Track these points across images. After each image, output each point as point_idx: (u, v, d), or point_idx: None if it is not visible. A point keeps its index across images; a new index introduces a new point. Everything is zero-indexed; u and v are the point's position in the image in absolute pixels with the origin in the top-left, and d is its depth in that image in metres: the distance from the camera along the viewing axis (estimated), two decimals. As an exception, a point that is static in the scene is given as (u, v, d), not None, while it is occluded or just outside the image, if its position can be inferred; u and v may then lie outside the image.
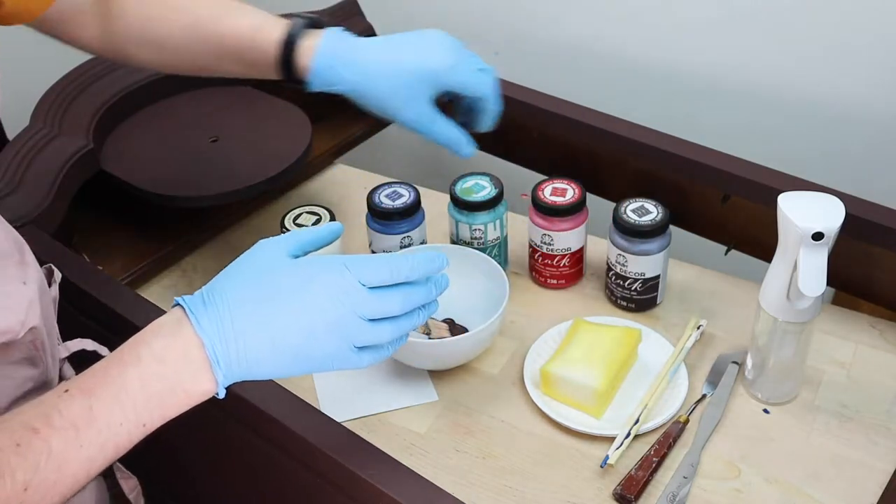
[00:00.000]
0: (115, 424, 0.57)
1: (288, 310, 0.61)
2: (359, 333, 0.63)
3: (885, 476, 0.81)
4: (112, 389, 0.57)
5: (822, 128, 1.20)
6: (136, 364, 0.58)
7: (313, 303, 0.61)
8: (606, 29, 1.31)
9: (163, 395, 0.58)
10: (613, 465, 0.82)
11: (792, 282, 0.79)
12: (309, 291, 0.61)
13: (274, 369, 0.61)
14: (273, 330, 0.60)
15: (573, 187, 0.99)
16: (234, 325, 0.60)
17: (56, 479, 0.55)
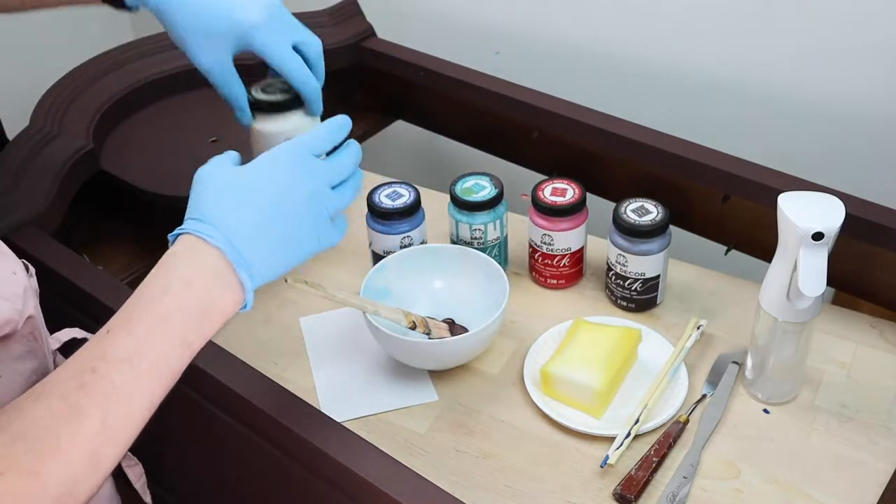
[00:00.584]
0: (164, 350, 0.59)
1: (268, 197, 0.64)
2: (330, 201, 0.68)
3: (885, 476, 0.81)
4: (151, 320, 0.59)
5: (822, 128, 1.20)
6: (167, 293, 0.60)
7: (287, 186, 0.65)
8: (606, 29, 1.31)
9: (199, 314, 0.61)
10: (613, 465, 0.82)
11: (792, 282, 0.79)
12: (279, 178, 0.65)
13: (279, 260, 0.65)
14: (263, 220, 0.64)
15: (573, 187, 0.99)
16: (237, 227, 0.63)
17: (126, 413, 0.57)
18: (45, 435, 0.53)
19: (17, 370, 0.68)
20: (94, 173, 1.09)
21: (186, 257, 0.62)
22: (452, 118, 1.27)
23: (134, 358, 0.58)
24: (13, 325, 0.66)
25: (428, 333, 0.91)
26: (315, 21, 1.29)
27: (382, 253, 1.01)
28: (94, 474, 0.55)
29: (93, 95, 1.16)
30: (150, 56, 1.23)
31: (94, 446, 0.55)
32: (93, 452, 0.55)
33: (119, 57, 1.23)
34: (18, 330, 0.67)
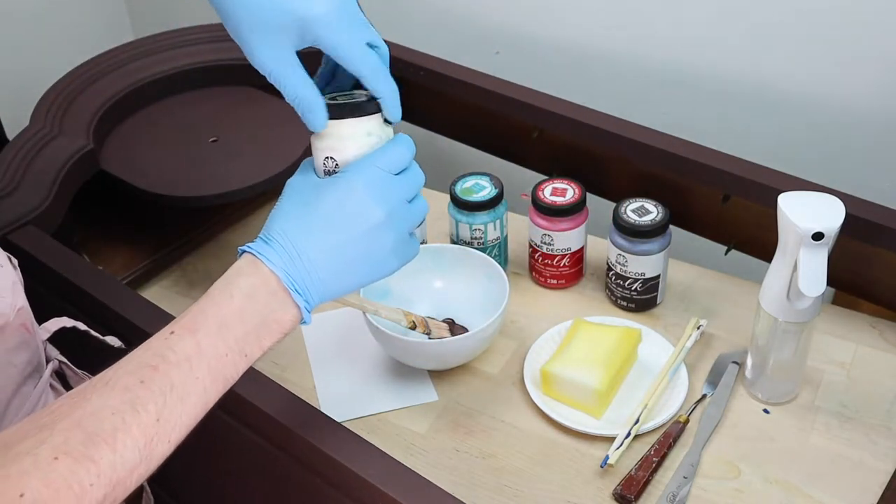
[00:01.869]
0: (222, 356, 0.61)
1: (342, 223, 0.65)
2: (407, 218, 0.68)
3: (885, 476, 0.81)
4: (213, 326, 0.61)
5: (822, 128, 1.20)
6: (230, 302, 0.62)
7: (363, 207, 0.65)
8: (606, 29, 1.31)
9: (258, 327, 0.63)
10: (613, 465, 0.82)
11: (792, 282, 0.79)
12: (354, 199, 0.65)
13: (349, 281, 0.66)
14: (335, 245, 0.65)
15: (573, 187, 0.99)
16: (299, 253, 0.64)
17: (181, 411, 0.59)
18: (102, 425, 0.55)
19: (11, 361, 0.69)
20: (94, 173, 1.09)
21: (249, 272, 0.64)
22: (452, 118, 1.27)
23: (193, 358, 0.60)
24: (5, 318, 0.67)
25: (428, 333, 0.91)
26: (315, 21, 1.29)
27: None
28: (144, 466, 0.57)
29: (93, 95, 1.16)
30: (150, 56, 1.23)
31: (148, 440, 0.57)
32: (145, 445, 0.57)
33: (119, 57, 1.22)
34: (10, 322, 0.68)
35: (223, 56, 1.24)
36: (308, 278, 0.64)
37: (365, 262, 0.66)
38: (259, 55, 0.71)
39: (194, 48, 1.25)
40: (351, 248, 0.65)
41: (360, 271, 0.67)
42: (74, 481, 0.53)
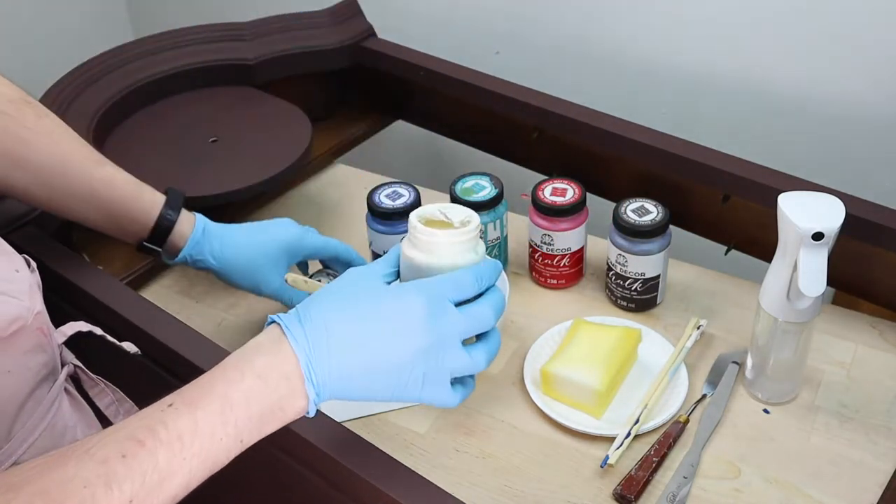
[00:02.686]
0: (217, 439, 0.58)
1: (384, 332, 0.60)
2: (455, 359, 0.62)
3: (885, 476, 0.81)
4: (217, 405, 0.58)
5: (822, 128, 1.20)
6: (240, 381, 0.59)
7: (409, 326, 0.61)
8: (607, 29, 1.31)
9: (263, 412, 0.59)
10: (614, 465, 0.82)
11: (792, 282, 0.79)
12: (405, 315, 0.61)
13: (366, 391, 0.61)
14: (368, 350, 0.60)
15: (573, 187, 0.99)
16: (328, 342, 0.60)
17: (159, 493, 0.55)
18: (70, 497, 0.52)
19: (27, 365, 0.68)
20: (94, 173, 1.09)
21: (269, 349, 0.60)
22: (452, 118, 1.27)
23: (186, 439, 0.57)
24: (22, 321, 0.66)
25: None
26: (315, 21, 1.29)
27: (382, 253, 1.01)
28: None
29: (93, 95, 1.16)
30: (150, 56, 1.23)
31: None
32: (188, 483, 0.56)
33: (119, 57, 1.22)
34: (28, 325, 0.67)
35: (223, 56, 1.24)
36: (327, 373, 0.60)
37: (386, 380, 0.61)
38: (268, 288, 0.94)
39: (194, 48, 1.25)
40: (382, 361, 0.61)
41: (380, 388, 0.62)
42: None
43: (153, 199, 0.90)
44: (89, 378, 0.77)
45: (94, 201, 0.88)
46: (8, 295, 0.66)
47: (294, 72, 1.25)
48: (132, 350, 0.81)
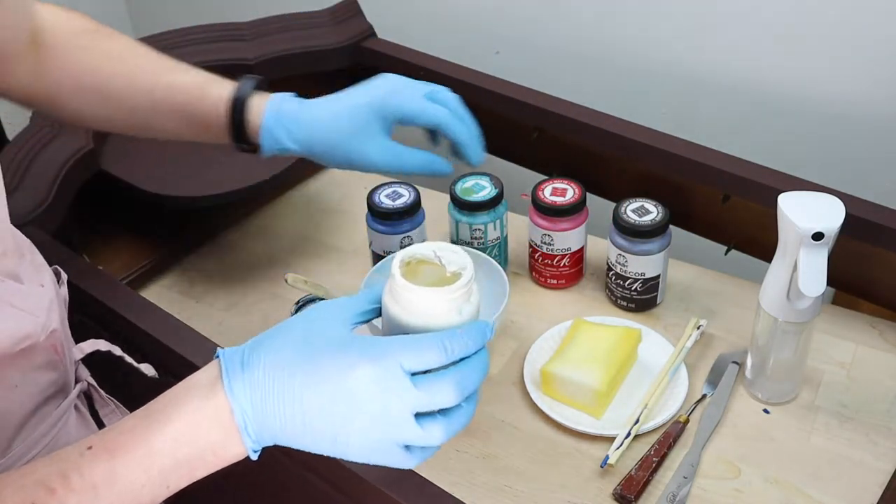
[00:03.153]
0: (138, 486, 0.54)
1: (324, 394, 0.54)
2: (403, 432, 0.55)
3: (885, 476, 0.81)
4: (139, 452, 0.53)
5: (822, 128, 1.20)
6: (165, 425, 0.54)
7: (352, 392, 0.54)
8: (606, 29, 1.31)
9: (191, 459, 0.55)
10: (614, 465, 0.82)
11: (792, 282, 0.79)
12: (349, 378, 0.54)
13: (310, 446, 0.56)
14: (307, 410, 0.54)
15: (573, 187, 0.99)
16: (266, 395, 0.54)
17: None
18: None
19: (35, 381, 0.67)
20: (94, 173, 1.09)
21: (203, 393, 0.55)
22: (452, 118, 1.27)
23: (101, 488, 0.52)
24: (34, 338, 0.64)
25: (428, 333, 0.91)
26: (315, 21, 1.29)
27: (382, 253, 1.01)
28: None
29: (93, 95, 1.16)
30: (150, 56, 1.23)
31: None
32: None
33: (119, 57, 1.22)
34: (40, 343, 0.65)
35: (223, 56, 1.24)
36: (263, 426, 0.54)
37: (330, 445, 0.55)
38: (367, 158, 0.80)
39: (194, 48, 1.24)
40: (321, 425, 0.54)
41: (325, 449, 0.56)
42: None
43: (220, 93, 0.83)
44: (101, 398, 0.76)
45: (162, 109, 0.84)
46: (23, 311, 0.64)
47: (294, 72, 1.25)
48: (150, 373, 0.80)
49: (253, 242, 1.15)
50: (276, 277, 1.08)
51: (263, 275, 1.09)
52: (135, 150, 1.13)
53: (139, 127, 0.86)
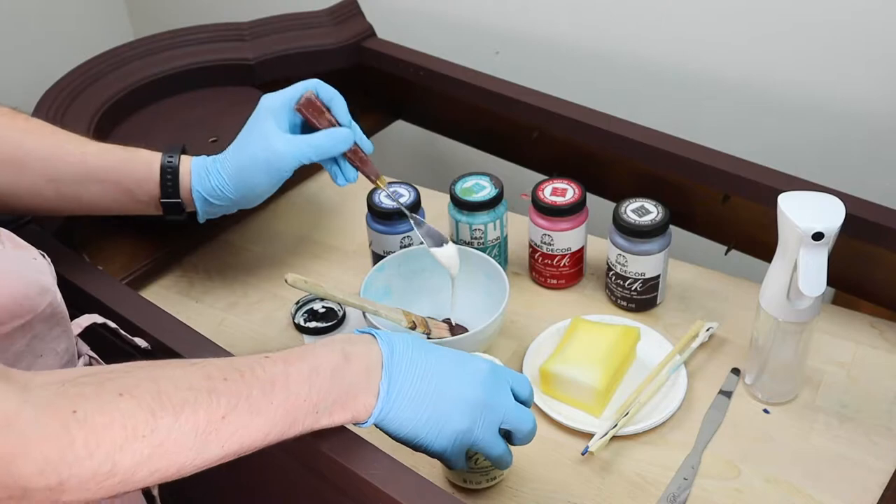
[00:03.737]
0: (301, 399, 0.64)
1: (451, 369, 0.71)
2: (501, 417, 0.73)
3: (885, 476, 0.81)
4: (306, 367, 0.65)
5: (822, 127, 1.20)
6: (330, 356, 0.67)
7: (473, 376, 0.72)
8: (607, 29, 1.31)
9: (339, 391, 0.66)
10: (595, 453, 0.82)
11: (792, 282, 0.79)
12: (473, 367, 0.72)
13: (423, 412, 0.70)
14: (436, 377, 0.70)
15: (573, 187, 0.99)
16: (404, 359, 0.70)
17: (246, 423, 0.60)
18: (176, 392, 0.57)
19: (55, 349, 0.72)
20: (94, 173, 1.09)
21: (360, 342, 0.70)
22: (452, 118, 1.27)
23: (277, 384, 0.63)
24: (52, 294, 0.70)
25: (428, 333, 0.91)
26: (315, 21, 1.29)
27: (382, 253, 1.01)
28: (191, 456, 0.58)
29: (93, 95, 1.16)
30: (150, 56, 1.23)
31: (207, 432, 0.58)
32: (203, 434, 0.58)
33: (119, 57, 1.22)
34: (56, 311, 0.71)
35: (223, 56, 1.24)
36: (401, 380, 0.69)
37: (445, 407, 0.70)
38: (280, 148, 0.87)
39: (194, 48, 1.25)
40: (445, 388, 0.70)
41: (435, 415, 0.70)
42: (129, 423, 0.54)
43: (150, 156, 0.89)
44: None
45: (95, 174, 0.86)
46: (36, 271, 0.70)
47: (294, 72, 1.25)
48: (143, 345, 0.83)
49: (253, 242, 1.15)
50: (276, 277, 1.08)
51: (263, 275, 1.09)
52: (135, 150, 1.13)
53: (66, 198, 0.87)
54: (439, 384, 0.70)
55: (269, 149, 0.86)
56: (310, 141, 0.88)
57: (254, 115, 0.89)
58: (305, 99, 0.89)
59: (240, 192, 0.89)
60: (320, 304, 1.02)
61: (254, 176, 0.88)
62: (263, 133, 0.87)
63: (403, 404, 0.69)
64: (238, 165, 0.88)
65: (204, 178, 0.89)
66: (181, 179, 0.88)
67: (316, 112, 0.89)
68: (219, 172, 0.88)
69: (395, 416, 0.69)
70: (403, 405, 0.69)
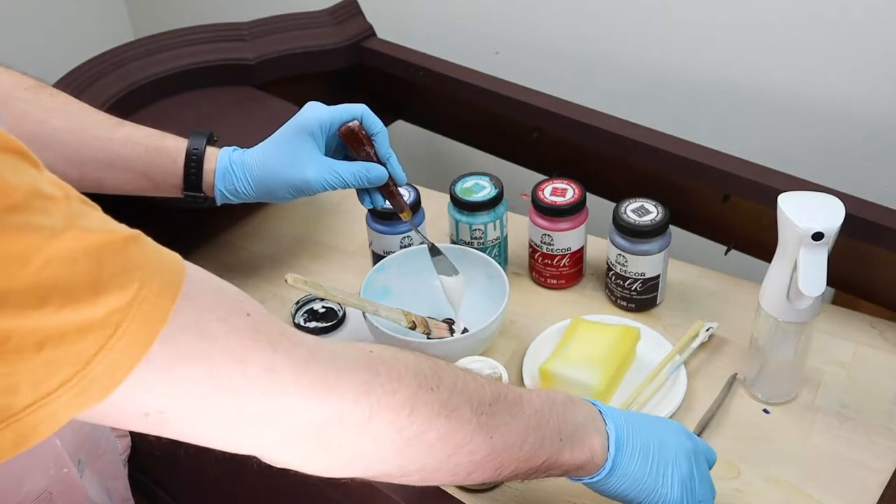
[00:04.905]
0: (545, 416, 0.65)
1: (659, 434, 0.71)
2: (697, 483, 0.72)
3: (885, 476, 0.81)
4: (541, 397, 0.66)
5: (822, 128, 1.20)
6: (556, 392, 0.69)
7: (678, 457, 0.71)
8: (606, 29, 1.31)
9: (575, 424, 0.67)
10: None
11: (792, 282, 0.79)
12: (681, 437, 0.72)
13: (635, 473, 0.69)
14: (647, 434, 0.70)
15: (573, 187, 0.99)
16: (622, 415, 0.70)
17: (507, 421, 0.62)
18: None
19: None
20: (94, 173, 1.08)
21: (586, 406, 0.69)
22: (452, 118, 1.27)
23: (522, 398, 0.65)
24: None
25: (428, 333, 0.91)
26: (315, 21, 1.29)
27: (382, 253, 1.01)
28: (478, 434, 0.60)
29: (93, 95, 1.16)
30: (150, 56, 1.23)
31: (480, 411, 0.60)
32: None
33: (119, 57, 1.22)
34: None
35: (223, 56, 1.24)
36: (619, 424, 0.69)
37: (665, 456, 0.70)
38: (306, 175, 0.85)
39: (194, 48, 1.25)
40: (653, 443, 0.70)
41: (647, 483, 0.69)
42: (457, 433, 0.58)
43: (176, 144, 0.87)
44: None
45: (120, 163, 0.85)
46: None
47: (294, 72, 1.25)
48: None
49: (253, 242, 1.15)
50: (276, 278, 1.08)
51: (263, 275, 1.09)
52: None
53: (87, 181, 0.86)
54: (657, 437, 0.70)
55: (299, 174, 0.85)
56: (341, 172, 0.86)
57: (295, 124, 0.86)
58: (348, 129, 0.87)
59: (262, 196, 0.88)
60: (320, 304, 1.02)
61: (278, 190, 0.86)
62: (297, 153, 0.85)
63: (630, 453, 0.69)
64: (265, 174, 0.86)
65: (228, 178, 0.87)
66: (205, 176, 0.87)
67: (356, 143, 0.87)
68: (245, 175, 0.87)
69: (627, 466, 0.68)
70: (631, 456, 0.69)
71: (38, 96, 0.84)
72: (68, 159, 0.83)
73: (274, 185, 0.86)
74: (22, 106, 0.82)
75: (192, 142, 0.87)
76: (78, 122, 0.84)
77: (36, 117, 0.82)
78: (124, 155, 0.85)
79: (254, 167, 0.86)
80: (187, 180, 0.86)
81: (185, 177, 0.86)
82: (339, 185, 0.86)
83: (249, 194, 0.87)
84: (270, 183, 0.86)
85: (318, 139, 0.86)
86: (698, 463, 0.71)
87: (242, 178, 0.87)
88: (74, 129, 0.84)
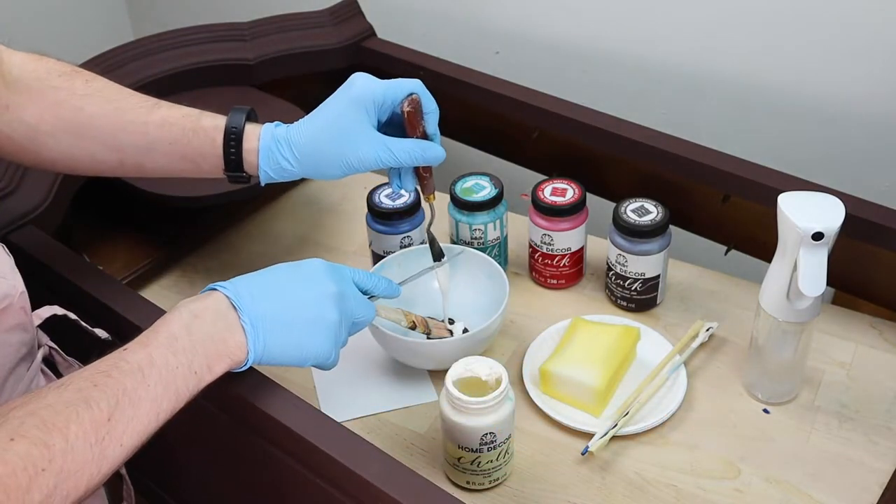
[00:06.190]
0: (173, 368, 0.65)
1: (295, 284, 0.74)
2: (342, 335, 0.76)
3: (885, 476, 0.81)
4: (163, 339, 0.66)
5: (822, 128, 1.20)
6: (178, 319, 0.68)
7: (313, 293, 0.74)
8: (606, 29, 1.31)
9: (205, 342, 0.68)
10: (595, 453, 0.82)
11: (792, 282, 0.79)
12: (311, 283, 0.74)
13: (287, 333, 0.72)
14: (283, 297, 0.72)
15: (573, 187, 0.99)
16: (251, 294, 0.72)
17: (132, 415, 0.62)
18: (57, 415, 0.58)
19: (9, 341, 0.71)
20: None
21: (201, 297, 0.71)
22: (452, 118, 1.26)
23: (145, 368, 0.64)
24: (10, 299, 0.69)
25: (428, 333, 0.91)
26: (315, 21, 1.29)
27: (382, 253, 1.01)
28: (96, 465, 0.59)
29: (93, 95, 1.16)
30: (150, 56, 1.23)
31: (99, 437, 0.59)
32: (97, 442, 0.59)
33: (119, 57, 1.22)
34: (13, 304, 0.70)
35: (223, 56, 1.24)
36: (254, 310, 0.70)
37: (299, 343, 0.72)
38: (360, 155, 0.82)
39: (194, 48, 1.25)
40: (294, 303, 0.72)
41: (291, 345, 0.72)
42: (29, 463, 0.55)
43: (215, 123, 0.83)
44: (64, 360, 0.79)
45: (158, 146, 0.82)
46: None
47: (294, 72, 1.25)
48: (103, 336, 0.84)
49: (253, 242, 1.15)
50: (276, 277, 1.08)
51: (263, 275, 1.09)
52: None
53: (128, 166, 0.84)
54: (293, 296, 0.72)
55: (354, 151, 0.81)
56: (394, 150, 0.82)
57: (348, 98, 0.81)
58: (415, 101, 0.82)
59: (308, 174, 0.84)
60: None
61: (328, 168, 0.82)
62: (351, 129, 0.80)
63: (271, 326, 0.70)
64: (314, 150, 0.81)
65: (273, 157, 0.82)
66: (246, 155, 0.83)
67: (417, 118, 0.83)
68: (292, 152, 0.82)
69: (273, 342, 0.71)
70: (272, 327, 0.70)
71: (73, 83, 0.83)
72: (107, 145, 0.83)
73: (324, 163, 0.81)
74: (58, 94, 0.81)
75: (231, 119, 0.83)
76: (114, 107, 0.83)
77: (73, 105, 0.82)
78: (161, 138, 0.82)
79: (301, 144, 0.81)
80: (227, 160, 0.82)
81: (224, 157, 0.82)
82: (392, 163, 0.82)
83: (294, 170, 0.83)
84: (320, 160, 0.81)
85: (371, 114, 0.81)
86: (345, 299, 0.75)
87: (289, 155, 0.82)
88: (111, 115, 0.82)
